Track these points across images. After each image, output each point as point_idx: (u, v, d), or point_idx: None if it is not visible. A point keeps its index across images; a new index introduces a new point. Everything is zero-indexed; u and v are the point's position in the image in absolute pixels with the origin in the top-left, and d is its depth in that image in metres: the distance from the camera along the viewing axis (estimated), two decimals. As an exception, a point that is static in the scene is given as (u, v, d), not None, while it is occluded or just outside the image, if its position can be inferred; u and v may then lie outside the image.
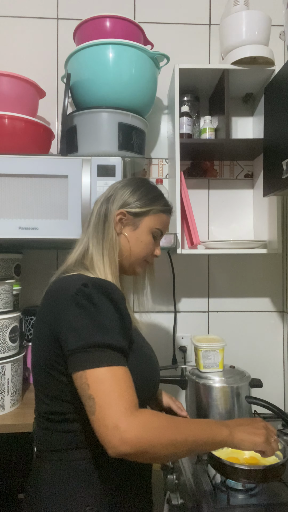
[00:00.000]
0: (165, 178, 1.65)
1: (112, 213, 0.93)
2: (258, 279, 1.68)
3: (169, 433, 0.71)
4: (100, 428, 0.68)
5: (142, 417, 0.69)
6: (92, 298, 0.78)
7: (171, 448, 0.71)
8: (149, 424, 0.69)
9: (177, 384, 1.36)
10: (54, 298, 0.83)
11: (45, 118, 1.61)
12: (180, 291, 1.66)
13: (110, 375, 0.71)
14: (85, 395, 0.71)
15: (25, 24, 1.62)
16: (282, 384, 1.67)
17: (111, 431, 0.67)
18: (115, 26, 1.36)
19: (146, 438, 0.68)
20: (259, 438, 0.82)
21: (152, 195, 0.97)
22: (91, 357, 0.72)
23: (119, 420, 0.67)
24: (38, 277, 1.59)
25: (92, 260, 0.90)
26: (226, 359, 1.36)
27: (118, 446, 0.66)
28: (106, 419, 0.68)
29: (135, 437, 0.67)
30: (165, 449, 0.70)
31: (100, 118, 1.32)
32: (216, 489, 0.98)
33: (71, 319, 0.76)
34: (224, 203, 1.67)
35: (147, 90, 1.41)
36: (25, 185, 1.22)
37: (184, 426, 0.75)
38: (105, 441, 0.67)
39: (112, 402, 0.69)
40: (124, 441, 0.66)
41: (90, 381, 0.71)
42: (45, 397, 0.84)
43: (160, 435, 0.70)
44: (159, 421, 0.72)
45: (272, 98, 1.28)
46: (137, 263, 0.97)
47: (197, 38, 1.67)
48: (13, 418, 1.21)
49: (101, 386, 0.70)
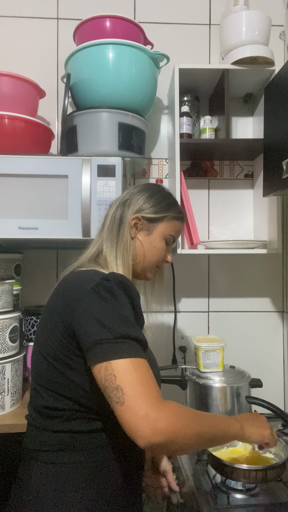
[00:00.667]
0: (165, 178, 1.65)
1: (128, 217, 0.94)
2: (258, 279, 1.68)
3: (195, 424, 0.73)
4: (131, 418, 0.68)
5: (170, 407, 0.71)
6: (113, 291, 0.78)
7: (196, 439, 0.73)
8: (177, 414, 0.71)
9: (177, 384, 1.36)
10: (70, 291, 0.82)
11: (45, 118, 1.61)
12: (180, 291, 1.65)
13: (136, 366, 0.72)
14: (111, 386, 0.71)
15: (25, 24, 1.62)
16: (282, 384, 1.68)
17: (142, 421, 0.67)
18: (115, 26, 1.36)
19: (176, 428, 0.69)
20: (266, 431, 0.90)
21: (167, 202, 0.98)
22: (117, 348, 0.72)
23: (149, 409, 0.68)
24: (38, 277, 1.59)
25: (106, 261, 0.91)
26: (226, 359, 1.36)
27: (149, 436, 0.67)
28: (136, 409, 0.68)
29: (165, 427, 0.68)
30: (191, 440, 0.72)
31: (100, 118, 1.32)
32: (216, 489, 0.98)
33: (93, 311, 0.76)
34: (224, 203, 1.67)
35: (147, 90, 1.41)
36: (25, 185, 1.22)
37: (205, 418, 0.78)
38: (136, 431, 0.68)
39: (140, 393, 0.69)
40: (155, 431, 0.67)
41: (116, 372, 0.71)
42: (43, 390, 0.82)
43: (188, 426, 0.71)
44: (186, 412, 0.74)
45: (272, 98, 1.28)
46: (148, 268, 0.99)
47: (197, 38, 1.67)
48: (13, 418, 1.21)
49: (128, 376, 0.70)
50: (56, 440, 0.81)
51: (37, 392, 0.85)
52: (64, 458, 0.80)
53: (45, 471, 0.80)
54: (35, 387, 0.86)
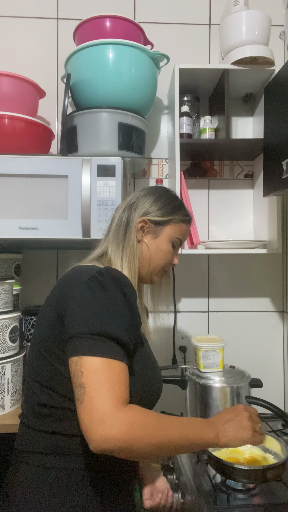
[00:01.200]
0: (165, 178, 1.65)
1: (134, 220, 0.94)
2: (258, 279, 1.68)
3: (154, 433, 0.70)
4: (86, 419, 0.67)
5: (130, 413, 0.68)
6: (105, 285, 0.77)
7: (155, 448, 0.70)
8: (135, 422, 0.68)
9: (177, 384, 1.36)
10: (66, 283, 0.83)
11: (45, 118, 1.61)
12: (180, 291, 1.65)
13: (106, 366, 0.70)
14: (76, 382, 0.70)
15: (25, 24, 1.62)
16: (282, 384, 1.67)
17: (96, 425, 0.65)
18: (115, 26, 1.35)
19: (130, 436, 0.66)
20: (246, 434, 0.83)
21: (173, 205, 0.98)
22: (91, 344, 0.71)
23: (105, 414, 0.66)
24: (38, 277, 1.59)
25: (110, 262, 0.91)
26: (226, 359, 1.36)
27: (100, 441, 0.65)
28: (93, 411, 0.66)
29: (119, 434, 0.65)
30: (148, 449, 0.69)
31: (100, 118, 1.32)
32: (216, 489, 0.98)
33: (80, 303, 0.75)
34: (224, 203, 1.67)
35: (147, 90, 1.41)
36: (25, 185, 1.22)
37: (170, 426, 0.74)
38: (88, 434, 0.66)
39: (101, 395, 0.67)
40: (107, 437, 0.65)
41: (84, 369, 0.70)
42: (36, 385, 0.82)
43: (145, 435, 0.68)
44: (146, 419, 0.70)
45: (272, 98, 1.28)
46: (155, 271, 0.98)
47: (197, 38, 1.67)
48: (13, 418, 1.21)
49: (94, 376, 0.69)
50: (48, 442, 0.79)
51: (31, 388, 0.84)
52: (54, 463, 0.78)
53: (34, 475, 0.78)
54: (29, 383, 0.85)
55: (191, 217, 1.03)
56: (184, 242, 1.03)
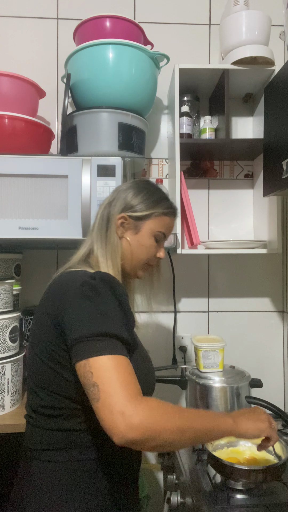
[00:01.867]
0: (165, 178, 1.65)
1: (114, 217, 0.94)
2: (258, 279, 1.68)
3: (175, 419, 0.71)
4: (105, 414, 0.67)
5: (148, 403, 0.69)
6: (98, 289, 0.78)
7: (177, 434, 0.71)
8: (155, 410, 0.69)
9: (177, 384, 1.36)
10: (58, 291, 0.83)
11: (45, 118, 1.61)
12: (180, 291, 1.65)
13: (114, 363, 0.71)
14: (88, 383, 0.71)
15: (25, 24, 1.62)
16: (282, 384, 1.67)
17: (116, 417, 0.66)
18: (115, 26, 1.35)
19: (153, 424, 0.67)
20: (264, 424, 0.85)
21: (154, 198, 0.96)
22: (95, 345, 0.72)
23: (124, 405, 0.67)
24: (38, 277, 1.59)
25: (98, 261, 0.91)
26: (226, 359, 1.36)
27: (124, 432, 0.66)
28: (111, 405, 0.67)
29: (141, 422, 0.66)
30: (171, 435, 0.70)
31: (100, 118, 1.32)
32: (216, 489, 0.98)
33: (76, 310, 0.76)
34: (224, 203, 1.67)
35: (147, 90, 1.41)
36: (25, 185, 1.22)
37: (189, 414, 0.75)
38: (111, 427, 0.67)
39: (117, 389, 0.68)
40: (130, 427, 0.65)
41: (93, 369, 0.70)
42: (40, 390, 0.83)
43: (166, 421, 0.69)
44: (165, 407, 0.72)
45: (272, 98, 1.28)
46: (138, 266, 0.98)
47: (197, 38, 1.67)
48: (13, 418, 1.21)
49: (105, 373, 0.70)
50: (56, 438, 0.81)
51: (34, 392, 0.85)
52: (65, 456, 0.80)
53: (46, 469, 0.80)
54: (32, 387, 0.86)
55: (174, 208, 1.01)
56: (169, 234, 1.02)
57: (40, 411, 0.83)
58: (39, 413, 0.83)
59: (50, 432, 0.82)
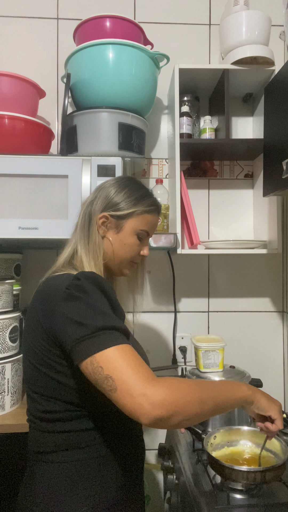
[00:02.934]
0: (165, 178, 1.65)
1: (96, 216, 0.93)
2: (258, 279, 1.68)
3: (195, 392, 0.73)
4: (127, 400, 0.68)
5: (165, 381, 0.71)
6: (85, 288, 0.78)
7: (199, 405, 0.72)
8: (173, 386, 0.70)
9: (177, 384, 1.36)
10: (46, 297, 0.83)
11: (45, 118, 1.61)
12: (180, 291, 1.66)
13: (120, 352, 0.72)
14: (101, 378, 0.71)
15: (25, 24, 1.62)
16: (282, 384, 1.67)
17: (139, 399, 0.67)
18: (115, 26, 1.35)
19: (175, 398, 0.69)
20: (275, 405, 0.88)
21: (136, 196, 0.95)
22: (96, 341, 0.72)
23: (144, 387, 0.68)
24: (38, 277, 1.57)
25: (82, 262, 0.90)
26: (226, 359, 1.36)
27: (150, 411, 0.66)
28: (130, 390, 0.68)
29: (164, 399, 0.67)
30: (194, 407, 0.71)
31: (100, 118, 1.32)
32: (216, 489, 0.98)
33: (68, 313, 0.76)
34: (224, 203, 1.67)
35: (147, 90, 1.41)
36: (25, 185, 1.22)
37: (206, 384, 0.78)
38: (136, 411, 0.67)
39: (131, 375, 0.69)
40: (155, 405, 0.66)
41: (102, 363, 0.71)
42: (38, 396, 0.83)
43: (187, 394, 0.71)
44: (182, 382, 0.74)
45: (272, 98, 1.28)
46: (122, 265, 0.97)
47: (197, 38, 1.67)
48: (13, 418, 1.21)
49: (115, 364, 0.70)
50: (59, 440, 0.82)
51: (33, 398, 0.85)
52: (69, 457, 0.81)
53: (51, 471, 0.81)
54: (30, 394, 0.86)
55: (157, 206, 1.00)
56: (153, 232, 1.01)
57: (40, 416, 0.84)
58: (39, 418, 0.84)
59: (53, 435, 0.82)
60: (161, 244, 1.35)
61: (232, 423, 1.26)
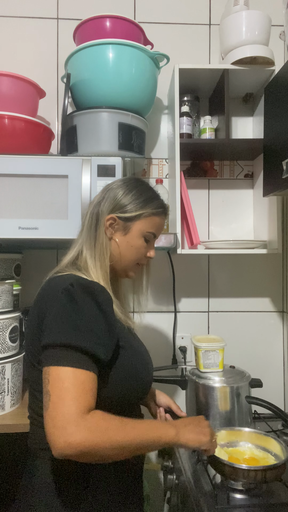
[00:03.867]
0: (165, 178, 1.65)
1: (103, 218, 0.92)
2: (258, 279, 1.68)
3: (115, 436, 0.72)
4: (49, 425, 0.69)
5: (91, 421, 0.70)
6: (75, 297, 0.78)
7: (116, 450, 0.72)
8: (96, 429, 0.69)
9: (177, 384, 1.36)
10: (44, 297, 0.84)
11: (45, 118, 1.61)
12: (180, 291, 1.65)
13: (71, 375, 0.72)
14: (44, 390, 0.73)
15: (25, 24, 1.62)
16: (282, 384, 1.67)
17: (58, 431, 0.67)
18: (115, 26, 1.35)
19: (91, 443, 0.68)
20: (205, 437, 0.86)
21: (144, 198, 0.95)
22: (57, 354, 0.73)
23: (67, 422, 0.68)
24: (38, 277, 1.57)
25: (86, 263, 0.90)
26: (226, 359, 1.36)
27: (62, 448, 0.67)
28: (56, 418, 0.68)
29: (79, 441, 0.67)
30: (109, 451, 0.71)
31: (100, 118, 1.32)
32: (216, 489, 0.98)
33: (53, 315, 0.77)
34: (224, 203, 1.67)
35: (147, 90, 1.41)
36: (25, 185, 1.22)
37: (131, 429, 0.75)
38: (51, 440, 0.68)
39: (65, 402, 0.69)
40: (68, 444, 0.67)
41: (50, 377, 0.72)
42: (38, 393, 0.84)
43: (107, 440, 0.70)
44: (108, 425, 0.72)
45: (272, 98, 1.28)
46: (129, 267, 0.97)
47: (197, 38, 1.67)
48: (13, 418, 1.21)
49: (59, 384, 0.71)
50: None
51: (34, 396, 0.86)
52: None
53: (50, 468, 0.82)
54: (30, 391, 0.88)
55: (165, 208, 1.00)
56: (160, 234, 1.01)
57: (40, 413, 0.84)
58: (39, 414, 0.84)
59: None
60: (161, 244, 1.35)
61: (232, 423, 1.26)
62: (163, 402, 1.12)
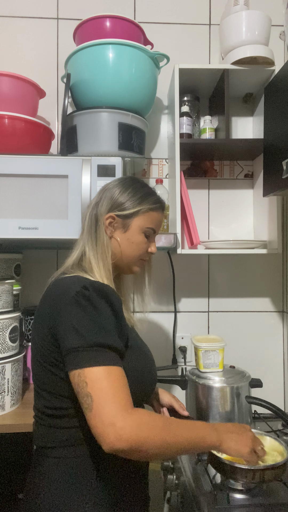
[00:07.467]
0: (165, 178, 1.65)
1: (102, 217, 0.94)
2: (258, 279, 1.68)
3: (162, 434, 0.73)
4: (97, 424, 0.70)
5: (137, 415, 0.72)
6: (92, 300, 0.80)
7: (163, 448, 0.74)
8: (143, 423, 0.72)
9: (177, 384, 1.36)
10: (54, 298, 0.84)
11: (45, 118, 1.61)
12: (180, 291, 1.65)
13: (107, 374, 0.74)
14: (82, 393, 0.73)
15: (25, 24, 1.62)
16: (282, 384, 1.67)
17: (107, 428, 0.69)
18: (115, 26, 1.35)
19: (140, 436, 0.70)
20: (245, 450, 0.87)
21: (140, 195, 0.96)
22: (90, 356, 0.74)
23: (115, 417, 0.70)
24: (38, 277, 1.59)
25: (90, 263, 0.92)
26: (226, 359, 1.36)
27: (113, 442, 0.69)
28: (103, 416, 0.70)
29: (129, 435, 0.69)
30: (156, 449, 0.73)
31: (100, 118, 1.32)
32: (216, 489, 0.98)
33: (71, 319, 0.78)
34: (224, 203, 1.67)
35: (147, 90, 1.41)
36: (25, 185, 1.22)
37: (176, 428, 0.78)
38: (101, 437, 0.70)
39: (109, 400, 0.71)
40: (119, 438, 0.68)
41: (88, 379, 0.73)
42: (45, 393, 0.85)
43: (154, 435, 0.72)
44: (153, 420, 0.74)
45: (272, 98, 1.28)
46: (132, 263, 0.99)
47: (197, 38, 1.67)
48: (13, 418, 1.21)
49: (99, 384, 0.72)
50: (64, 436, 0.83)
51: (39, 394, 0.87)
52: (73, 453, 0.83)
53: (56, 466, 0.83)
54: (37, 390, 0.89)
55: (161, 203, 1.01)
56: (159, 229, 1.03)
57: (46, 412, 0.85)
58: (45, 413, 0.85)
59: (58, 430, 0.84)
60: (161, 244, 1.36)
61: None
62: (166, 401, 1.13)
